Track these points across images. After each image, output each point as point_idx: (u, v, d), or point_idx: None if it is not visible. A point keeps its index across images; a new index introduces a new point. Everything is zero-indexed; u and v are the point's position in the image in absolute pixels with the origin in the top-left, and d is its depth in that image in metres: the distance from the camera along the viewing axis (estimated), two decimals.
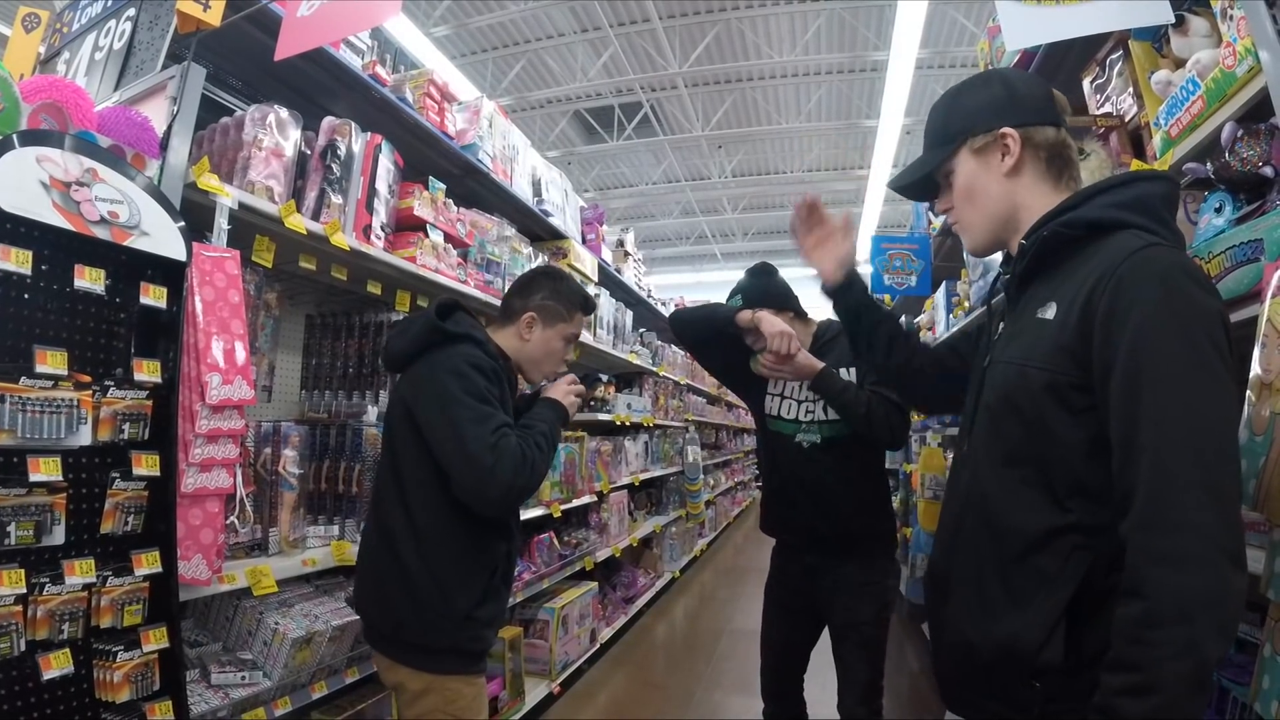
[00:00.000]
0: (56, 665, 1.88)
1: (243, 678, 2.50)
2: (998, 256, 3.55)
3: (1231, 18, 1.87)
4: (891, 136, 13.41)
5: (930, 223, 6.14)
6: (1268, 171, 1.86)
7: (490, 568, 2.41)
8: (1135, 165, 2.34)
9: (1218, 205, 2.02)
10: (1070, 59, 2.92)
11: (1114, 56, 2.60)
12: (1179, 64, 2.20)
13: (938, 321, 5.61)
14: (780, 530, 3.19)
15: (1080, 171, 1.62)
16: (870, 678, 2.93)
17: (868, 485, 3.05)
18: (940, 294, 5.48)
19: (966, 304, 4.63)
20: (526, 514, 4.38)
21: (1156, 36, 2.36)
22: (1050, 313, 1.44)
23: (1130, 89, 2.49)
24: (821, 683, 3.16)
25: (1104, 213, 1.44)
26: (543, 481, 2.35)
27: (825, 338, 3.12)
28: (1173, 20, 2.16)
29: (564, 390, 2.63)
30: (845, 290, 2.18)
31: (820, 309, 2.73)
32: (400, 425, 2.36)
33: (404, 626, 2.31)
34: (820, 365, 2.87)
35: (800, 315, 3.13)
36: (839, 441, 2.96)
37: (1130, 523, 1.23)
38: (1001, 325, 1.70)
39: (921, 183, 1.77)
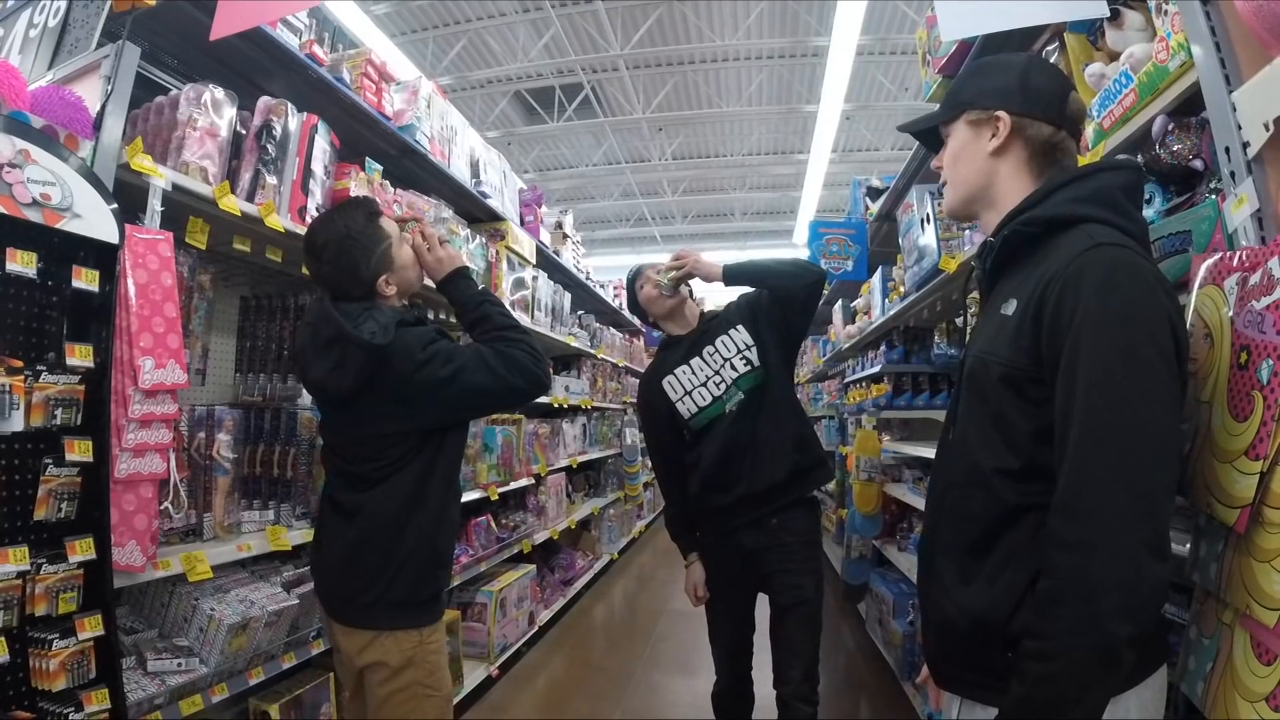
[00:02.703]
0: None
1: (179, 665, 2.49)
2: (932, 243, 3.67)
3: (1166, 12, 1.90)
4: (831, 122, 13.57)
5: (867, 209, 6.22)
6: (1197, 165, 1.90)
7: (457, 506, 2.66)
8: None
9: (1148, 196, 2.06)
10: (1007, 50, 2.94)
11: (1050, 48, 2.62)
12: (1113, 57, 2.22)
13: (873, 306, 5.69)
14: (714, 518, 3.23)
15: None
16: (814, 652, 3.04)
17: (795, 418, 3.25)
18: (876, 279, 5.57)
19: (902, 289, 4.70)
20: (464, 497, 4.38)
21: (1092, 29, 2.39)
22: (1010, 309, 1.52)
23: None
24: (760, 662, 3.25)
25: (1060, 209, 1.51)
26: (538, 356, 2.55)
27: (708, 317, 3.41)
28: (1108, 14, 2.19)
29: (432, 262, 2.67)
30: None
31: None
32: (384, 426, 2.40)
33: (393, 585, 2.36)
34: (721, 266, 3.26)
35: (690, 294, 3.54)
36: (759, 386, 3.16)
37: (1052, 507, 1.34)
38: (976, 319, 1.82)
39: (926, 135, 1.89)
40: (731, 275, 3.22)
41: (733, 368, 3.17)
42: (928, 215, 3.85)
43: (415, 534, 2.39)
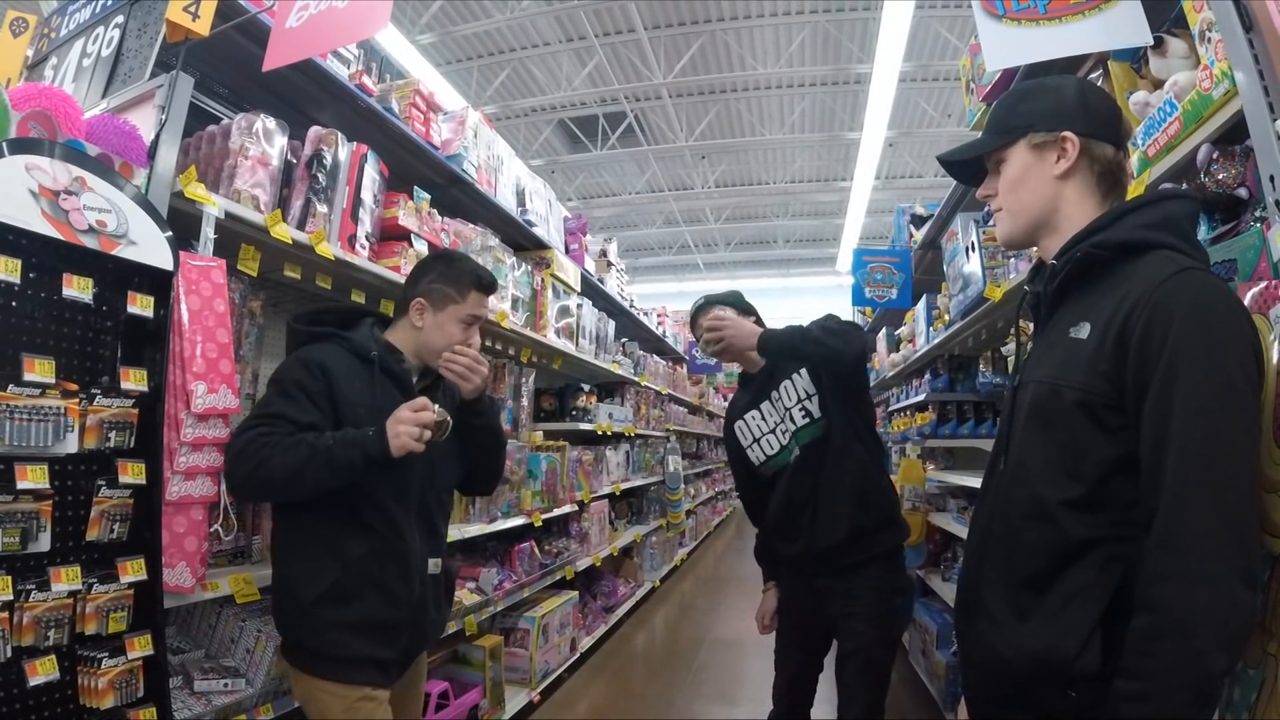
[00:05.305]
0: (42, 671, 1.88)
1: (225, 685, 2.51)
2: (977, 271, 3.63)
3: (1209, 40, 1.88)
4: (874, 149, 13.54)
5: (911, 236, 6.18)
6: (1242, 193, 1.87)
7: (338, 564, 2.27)
8: None
9: None
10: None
11: (1093, 76, 2.59)
12: (1157, 85, 2.20)
13: (918, 334, 5.65)
14: (786, 563, 3.19)
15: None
16: (870, 702, 2.91)
17: (860, 473, 3.00)
18: (921, 307, 5.53)
19: (947, 317, 4.65)
20: (507, 523, 4.41)
21: (1135, 57, 2.37)
22: (1084, 332, 1.48)
23: None
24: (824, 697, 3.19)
25: (1134, 233, 1.48)
26: (260, 484, 2.21)
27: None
28: (1151, 42, 2.18)
29: (396, 421, 2.22)
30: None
31: None
32: None
33: (278, 622, 2.39)
34: (759, 330, 3.00)
35: (759, 322, 3.26)
36: (818, 440, 2.99)
37: (1149, 541, 1.30)
38: (1029, 345, 1.76)
39: (970, 164, 1.81)
40: (769, 350, 2.98)
41: (792, 419, 3.05)
42: (973, 243, 3.81)
43: (278, 572, 2.41)
